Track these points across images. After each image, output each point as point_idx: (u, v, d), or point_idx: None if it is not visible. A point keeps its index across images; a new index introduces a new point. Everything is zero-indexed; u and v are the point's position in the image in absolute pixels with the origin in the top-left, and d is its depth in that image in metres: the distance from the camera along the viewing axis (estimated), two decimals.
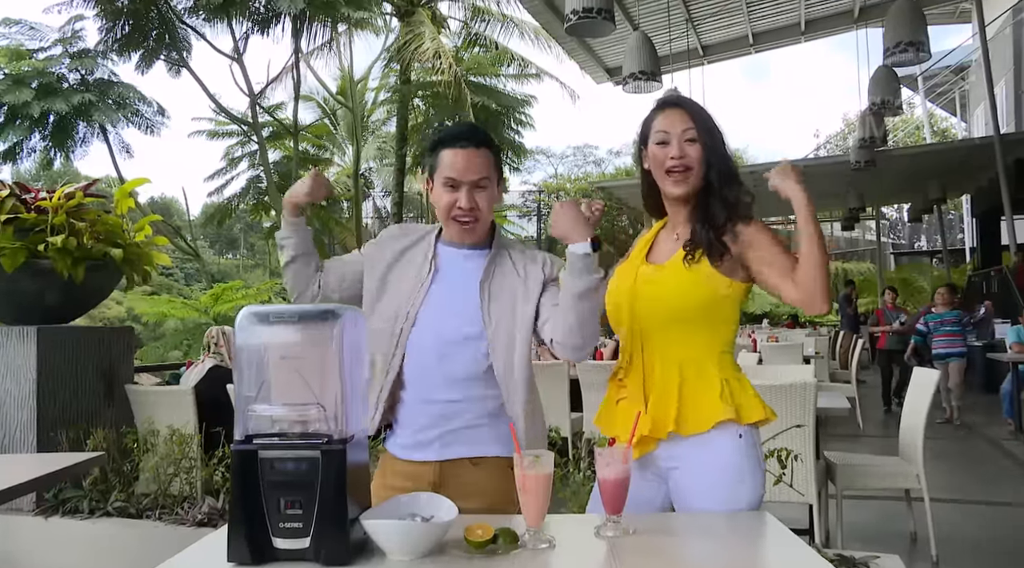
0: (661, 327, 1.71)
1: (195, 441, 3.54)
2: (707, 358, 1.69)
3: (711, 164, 1.73)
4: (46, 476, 2.22)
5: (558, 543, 1.38)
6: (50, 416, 3.64)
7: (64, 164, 17.69)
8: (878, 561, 2.57)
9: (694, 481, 1.66)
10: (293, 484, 1.32)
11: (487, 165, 1.77)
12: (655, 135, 1.76)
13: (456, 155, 1.75)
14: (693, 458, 1.65)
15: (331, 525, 1.30)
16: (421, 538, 1.33)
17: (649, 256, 1.83)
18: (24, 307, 3.70)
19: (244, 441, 1.35)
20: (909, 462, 3.68)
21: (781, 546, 1.39)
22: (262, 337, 1.37)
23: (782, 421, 3.19)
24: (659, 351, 1.71)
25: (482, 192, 1.77)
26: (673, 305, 1.70)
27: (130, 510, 3.43)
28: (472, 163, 1.74)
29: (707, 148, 1.73)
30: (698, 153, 1.72)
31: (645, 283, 1.74)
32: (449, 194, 1.76)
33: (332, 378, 1.36)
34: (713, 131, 1.75)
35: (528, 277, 1.81)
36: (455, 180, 1.74)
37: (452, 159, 1.75)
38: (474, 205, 1.76)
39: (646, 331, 1.73)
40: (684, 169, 1.72)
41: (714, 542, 1.46)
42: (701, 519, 1.60)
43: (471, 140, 1.76)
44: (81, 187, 3.74)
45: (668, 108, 1.78)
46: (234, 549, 1.30)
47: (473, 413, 1.76)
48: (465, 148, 1.75)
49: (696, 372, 1.68)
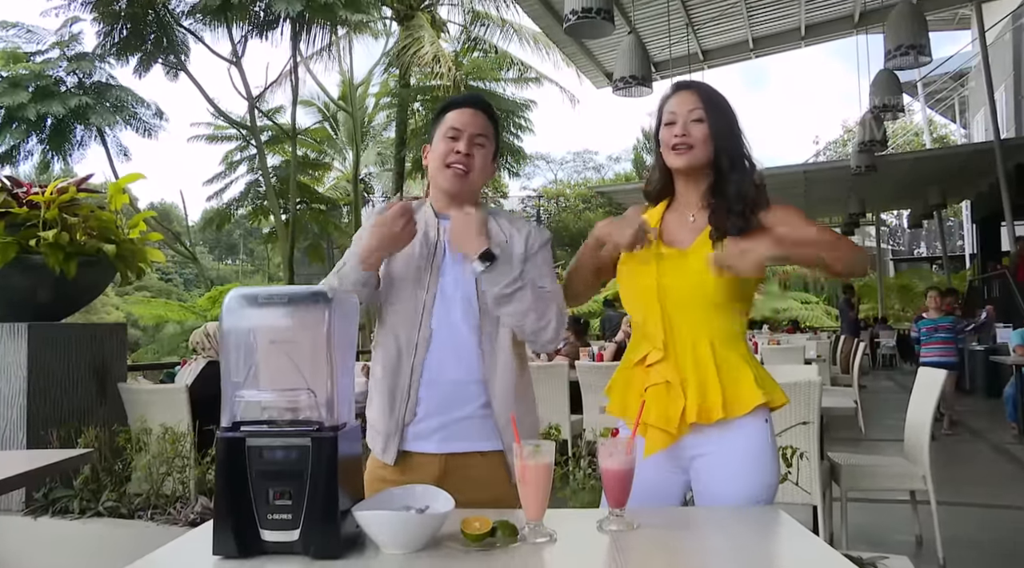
0: (694, 312, 1.70)
1: (188, 439, 3.48)
2: (733, 340, 1.71)
3: (720, 145, 1.73)
4: (33, 472, 2.15)
5: (559, 537, 1.32)
6: (41, 414, 3.57)
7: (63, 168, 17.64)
8: (886, 562, 2.51)
9: (720, 468, 1.65)
10: (282, 473, 1.26)
11: (488, 127, 1.82)
12: (665, 116, 1.80)
13: (462, 113, 1.81)
14: (722, 445, 1.64)
15: (322, 517, 1.25)
16: (416, 531, 1.27)
17: (664, 240, 1.79)
18: (15, 303, 3.63)
19: (231, 428, 1.29)
20: (914, 463, 3.62)
21: (793, 541, 1.33)
22: (251, 320, 1.32)
23: (788, 419, 3.14)
24: (692, 336, 1.69)
25: (480, 149, 1.80)
26: (708, 290, 1.68)
27: (122, 510, 3.35)
28: (475, 119, 1.80)
29: (714, 128, 1.73)
30: (703, 132, 1.74)
31: (672, 268, 1.72)
32: (448, 143, 1.78)
33: (323, 363, 1.30)
34: (724, 112, 1.76)
35: (512, 243, 1.78)
36: (458, 130, 1.78)
37: (454, 117, 1.81)
38: (471, 153, 1.78)
39: (678, 316, 1.70)
40: (687, 147, 1.74)
41: (723, 537, 1.40)
42: (710, 513, 1.55)
43: (476, 104, 1.84)
44: (74, 182, 3.68)
45: (680, 90, 1.80)
46: (220, 541, 1.25)
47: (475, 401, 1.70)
48: (470, 107, 1.82)
49: (727, 355, 1.68)
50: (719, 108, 1.76)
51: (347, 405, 1.37)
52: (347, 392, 1.37)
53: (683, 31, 11.80)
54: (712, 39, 13.04)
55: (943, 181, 14.51)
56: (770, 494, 1.65)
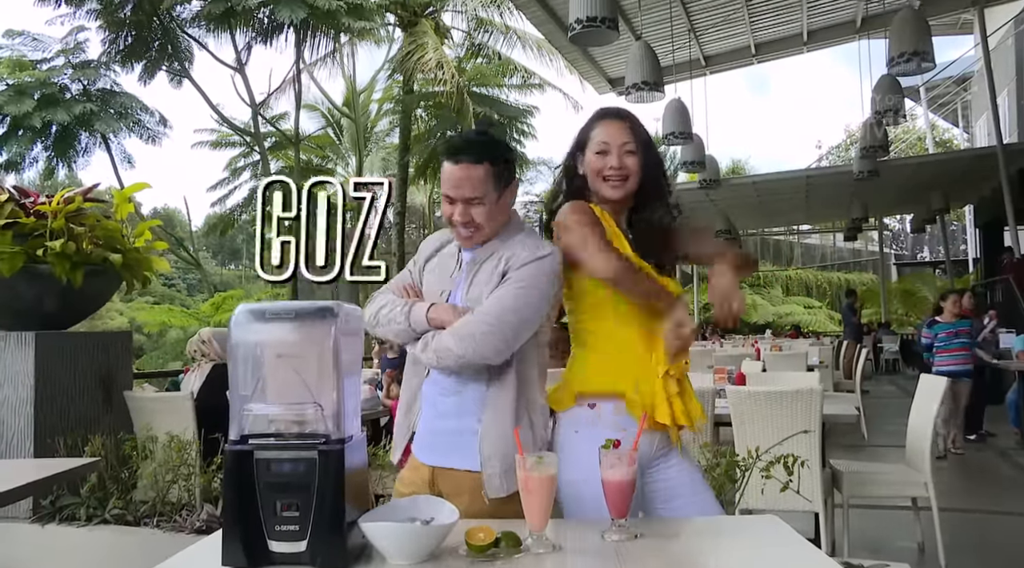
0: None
1: (194, 447, 3.50)
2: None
3: (647, 176, 1.84)
4: (42, 481, 2.18)
5: (562, 547, 1.34)
6: (47, 423, 3.60)
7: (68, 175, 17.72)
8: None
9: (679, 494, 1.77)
10: (290, 485, 1.28)
11: (483, 181, 1.70)
12: (595, 145, 1.84)
13: (452, 171, 1.71)
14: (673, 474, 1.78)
15: (328, 528, 1.27)
16: (421, 542, 1.29)
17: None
18: (22, 312, 3.66)
19: (239, 441, 1.31)
20: (916, 470, 3.63)
21: (791, 550, 1.35)
22: (258, 335, 1.34)
23: (789, 427, 3.16)
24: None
25: (478, 207, 1.71)
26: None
27: (128, 517, 3.38)
28: (466, 180, 1.70)
29: (644, 160, 1.83)
30: (636, 164, 1.82)
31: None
32: (447, 206, 1.76)
33: (329, 377, 1.32)
34: (651, 144, 1.85)
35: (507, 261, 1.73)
36: (451, 197, 1.73)
37: (448, 174, 1.72)
38: (469, 219, 1.72)
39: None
40: (623, 178, 1.82)
41: (723, 546, 1.43)
42: (709, 523, 1.56)
43: (469, 154, 1.71)
44: (80, 192, 3.71)
45: (610, 119, 1.86)
46: (228, 552, 1.27)
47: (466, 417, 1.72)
48: (460, 163, 1.71)
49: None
50: (647, 140, 1.84)
51: (353, 418, 1.39)
52: (353, 405, 1.39)
53: (685, 37, 11.83)
54: (714, 45, 13.07)
55: (946, 186, 14.51)
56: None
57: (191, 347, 4.35)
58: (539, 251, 1.71)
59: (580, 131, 1.90)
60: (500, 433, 1.67)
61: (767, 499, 2.95)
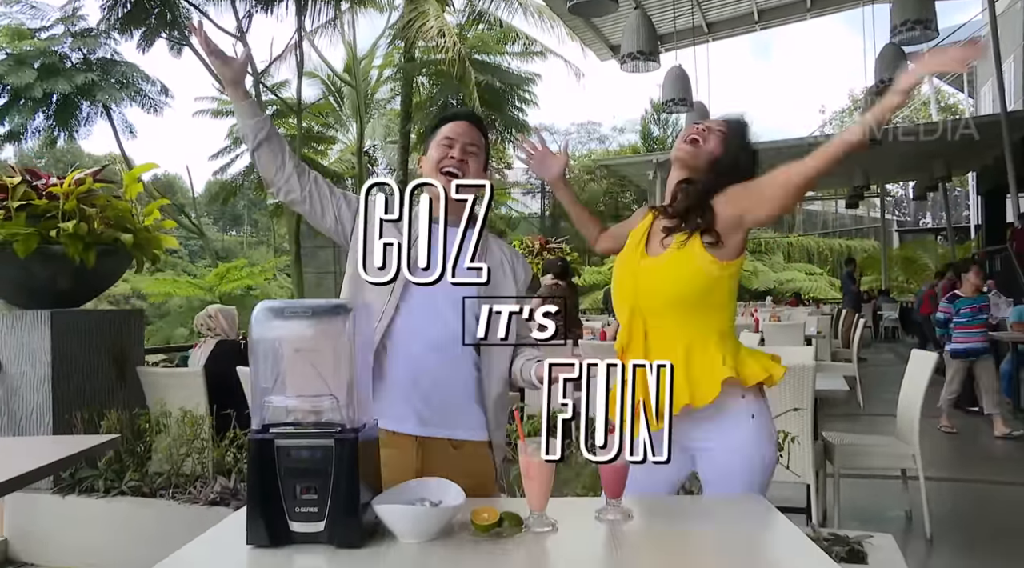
0: (663, 316, 1.82)
1: (207, 422, 3.62)
2: (708, 338, 1.81)
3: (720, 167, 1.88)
4: (64, 459, 2.29)
5: (560, 526, 1.45)
6: (65, 398, 3.72)
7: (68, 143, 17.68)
8: (871, 540, 2.64)
9: (718, 462, 1.79)
10: (308, 471, 1.38)
11: (478, 138, 1.94)
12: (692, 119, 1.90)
13: (457, 123, 1.94)
14: (719, 440, 1.78)
15: (344, 509, 1.37)
16: (430, 522, 1.39)
17: (648, 246, 1.93)
18: (36, 291, 3.76)
19: (261, 430, 1.41)
20: (905, 443, 3.75)
21: (773, 529, 1.46)
22: (277, 331, 1.43)
23: (781, 404, 3.26)
24: (667, 338, 1.81)
25: (472, 156, 1.91)
26: (672, 294, 1.81)
27: (144, 489, 3.51)
28: (467, 130, 1.93)
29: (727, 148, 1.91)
30: (716, 143, 1.91)
31: (644, 273, 1.86)
32: (443, 149, 1.90)
33: (344, 370, 1.42)
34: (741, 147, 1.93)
35: (515, 266, 1.95)
36: (451, 138, 1.90)
37: (452, 125, 1.94)
38: (464, 160, 1.89)
39: (648, 320, 1.84)
40: (700, 140, 1.90)
41: (710, 525, 1.53)
42: (700, 504, 1.67)
43: (469, 117, 1.98)
44: (91, 173, 3.78)
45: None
46: (253, 532, 1.37)
47: (453, 388, 1.82)
48: (464, 120, 1.96)
49: (702, 358, 1.79)
50: (740, 138, 1.93)
51: (366, 406, 1.48)
52: (366, 395, 1.48)
53: (687, 3, 11.73)
54: (717, 11, 12.97)
55: (948, 154, 14.47)
56: (764, 478, 1.80)
57: (198, 322, 4.46)
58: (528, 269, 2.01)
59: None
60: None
61: None
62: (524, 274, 1.97)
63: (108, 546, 3.39)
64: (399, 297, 1.81)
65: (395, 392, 1.80)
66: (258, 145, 1.90)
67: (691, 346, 1.80)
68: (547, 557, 1.37)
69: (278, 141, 1.93)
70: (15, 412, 3.70)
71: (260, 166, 1.94)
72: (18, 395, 3.70)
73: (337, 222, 1.93)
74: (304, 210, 1.94)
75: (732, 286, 1.86)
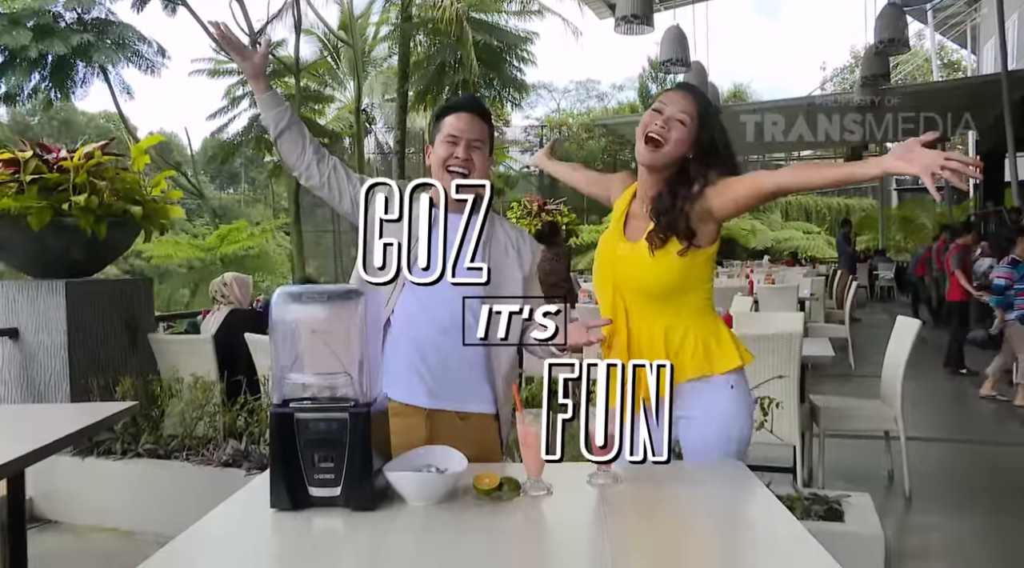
0: (642, 300, 1.92)
1: (218, 388, 3.77)
2: (690, 319, 1.91)
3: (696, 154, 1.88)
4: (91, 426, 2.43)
5: (555, 490, 1.59)
6: (81, 365, 3.86)
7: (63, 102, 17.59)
8: (849, 500, 2.81)
9: (696, 429, 1.90)
10: (325, 441, 1.52)
11: (483, 131, 1.99)
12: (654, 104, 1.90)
13: (459, 118, 1.98)
14: (696, 408, 1.88)
15: (358, 476, 1.51)
16: (436, 487, 1.53)
17: (626, 229, 2.00)
18: (51, 262, 3.88)
19: (282, 405, 1.54)
20: (888, 406, 3.90)
21: (748, 492, 1.60)
22: (295, 314, 1.55)
23: (768, 370, 3.41)
24: (646, 323, 1.91)
25: (477, 151, 1.97)
26: (649, 284, 1.90)
27: (159, 452, 3.67)
28: (472, 124, 1.97)
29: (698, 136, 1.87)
30: (683, 135, 1.86)
31: (622, 261, 1.94)
32: (448, 147, 1.96)
33: (356, 349, 1.54)
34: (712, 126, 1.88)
35: (521, 249, 2.02)
36: (456, 136, 1.96)
37: (454, 120, 1.98)
38: (469, 158, 1.96)
39: (629, 302, 1.93)
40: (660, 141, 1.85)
41: (690, 488, 1.68)
42: (683, 469, 1.82)
43: (472, 108, 2.00)
44: (99, 146, 3.87)
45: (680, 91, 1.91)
46: (276, 496, 1.51)
47: (461, 365, 1.94)
48: (467, 112, 1.98)
49: (679, 337, 1.89)
50: (709, 117, 1.87)
51: (376, 382, 1.61)
52: (376, 371, 1.61)
53: None
54: None
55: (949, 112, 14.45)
56: (739, 448, 1.91)
57: (213, 288, 4.59)
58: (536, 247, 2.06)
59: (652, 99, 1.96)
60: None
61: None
62: (531, 255, 2.03)
63: (126, 505, 3.56)
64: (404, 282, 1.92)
65: (406, 368, 1.92)
66: (280, 134, 2.02)
67: (670, 327, 1.89)
68: (543, 518, 1.51)
69: (298, 130, 2.04)
70: (34, 378, 3.85)
71: (282, 153, 2.06)
72: (36, 362, 3.84)
73: (354, 205, 2.03)
74: (324, 194, 2.06)
75: (708, 267, 1.94)
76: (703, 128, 1.86)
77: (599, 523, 1.45)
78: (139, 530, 3.49)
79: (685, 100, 1.87)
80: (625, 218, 2.02)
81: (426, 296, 1.91)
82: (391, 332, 1.93)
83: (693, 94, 1.90)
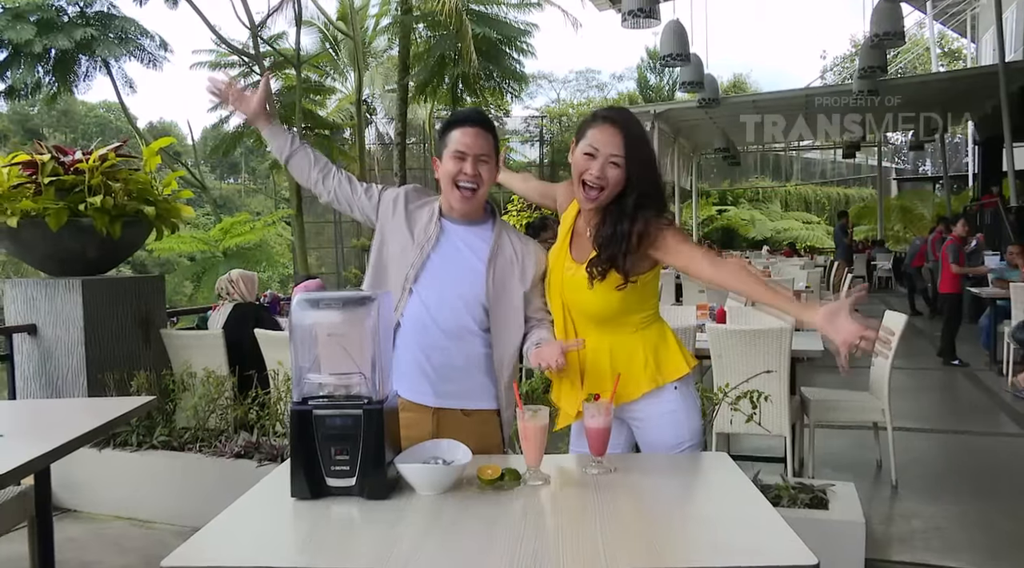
0: (587, 320, 2.04)
1: (229, 382, 3.90)
2: (636, 334, 2.02)
3: (632, 183, 1.93)
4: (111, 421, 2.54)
5: (553, 480, 1.73)
6: (97, 360, 4.00)
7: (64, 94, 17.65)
8: (834, 488, 2.95)
9: (647, 431, 2.05)
10: (341, 436, 1.65)
11: (489, 145, 2.06)
12: (584, 145, 1.96)
13: (465, 133, 2.03)
14: (647, 412, 2.03)
15: (372, 468, 1.64)
16: (443, 477, 1.67)
17: (572, 247, 2.09)
18: (67, 261, 4.01)
19: (301, 403, 1.68)
20: (877, 397, 4.03)
21: (729, 480, 1.74)
22: (313, 319, 1.68)
23: (763, 362, 3.54)
24: (592, 338, 2.02)
25: (484, 165, 2.05)
26: (592, 311, 2.02)
27: (173, 443, 3.80)
28: (478, 139, 2.03)
29: (631, 171, 1.92)
30: (618, 177, 1.92)
31: (568, 284, 2.04)
32: (456, 162, 2.04)
33: (369, 350, 1.68)
34: (643, 159, 1.93)
35: (525, 262, 2.11)
36: (463, 152, 2.03)
37: (461, 135, 2.04)
38: (476, 174, 2.04)
39: (576, 322, 2.06)
40: (599, 189, 1.93)
41: (675, 478, 1.82)
42: (670, 460, 1.95)
43: (478, 122, 2.06)
44: (112, 148, 3.99)
45: (605, 124, 1.94)
46: (296, 487, 1.65)
47: (465, 366, 2.06)
48: (473, 126, 2.04)
49: (626, 354, 2.01)
50: (639, 155, 1.92)
51: (388, 381, 1.75)
52: (388, 371, 1.75)
53: None
54: None
55: (947, 104, 14.52)
56: (694, 439, 2.04)
57: (219, 285, 4.71)
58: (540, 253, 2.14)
59: (580, 124, 2.00)
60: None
61: (742, 425, 3.34)
62: (534, 267, 2.11)
63: (143, 495, 3.70)
64: (411, 288, 2.05)
65: (413, 369, 2.05)
66: (287, 160, 2.19)
67: (617, 344, 2.01)
68: (542, 505, 1.64)
69: (303, 153, 2.18)
70: (52, 374, 3.98)
71: (292, 175, 2.23)
72: (54, 358, 3.97)
73: (362, 214, 2.18)
74: (335, 206, 2.23)
75: (652, 285, 2.04)
76: (630, 162, 1.91)
77: (593, 508, 1.57)
78: (155, 519, 3.64)
79: (616, 139, 1.91)
80: (571, 235, 2.10)
81: (433, 303, 2.04)
82: (400, 335, 2.05)
83: (620, 126, 1.92)
